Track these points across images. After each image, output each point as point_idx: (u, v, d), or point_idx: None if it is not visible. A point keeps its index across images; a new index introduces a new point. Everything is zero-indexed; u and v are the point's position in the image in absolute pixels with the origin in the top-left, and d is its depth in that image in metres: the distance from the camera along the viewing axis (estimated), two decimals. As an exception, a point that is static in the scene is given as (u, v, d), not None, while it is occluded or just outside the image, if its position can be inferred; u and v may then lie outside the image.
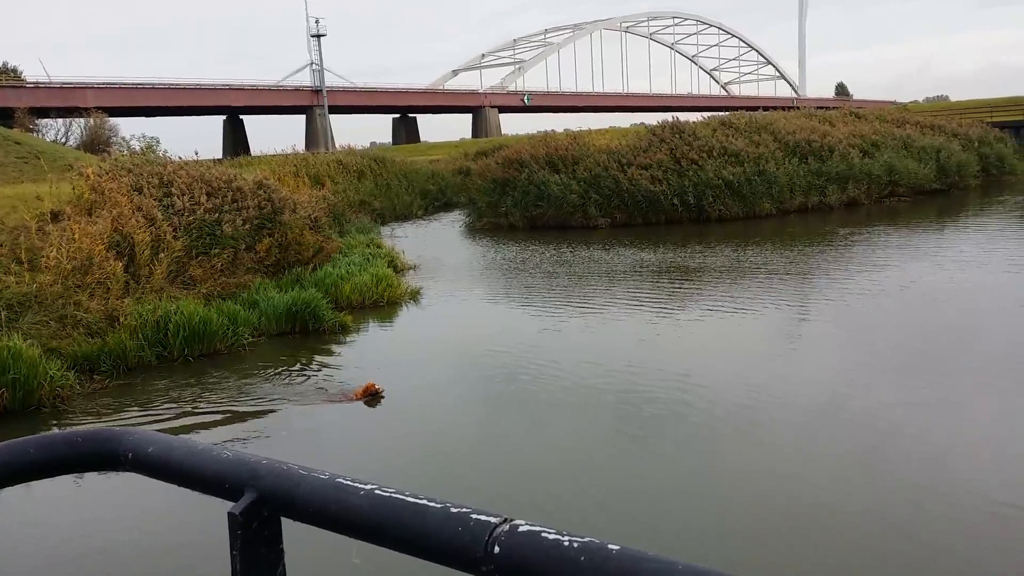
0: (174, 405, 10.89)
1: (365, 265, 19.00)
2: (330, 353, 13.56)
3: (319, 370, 12.42)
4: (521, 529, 1.00)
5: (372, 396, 10.52)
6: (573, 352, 12.58)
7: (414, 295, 18.04)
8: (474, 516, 1.04)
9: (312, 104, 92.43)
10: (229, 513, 1.25)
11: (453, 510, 1.06)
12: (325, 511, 1.17)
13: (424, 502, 1.10)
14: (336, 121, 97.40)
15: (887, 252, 20.68)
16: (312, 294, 15.53)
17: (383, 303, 17.27)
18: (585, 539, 0.95)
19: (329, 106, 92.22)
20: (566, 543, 0.95)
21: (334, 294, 16.64)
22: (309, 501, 1.20)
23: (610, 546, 0.93)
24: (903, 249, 21.11)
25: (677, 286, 18.13)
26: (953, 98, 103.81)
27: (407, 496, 1.11)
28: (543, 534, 0.98)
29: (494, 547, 1.00)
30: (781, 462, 8.02)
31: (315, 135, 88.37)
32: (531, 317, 15.73)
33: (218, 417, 10.31)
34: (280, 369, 12.47)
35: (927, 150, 35.26)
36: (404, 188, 39.30)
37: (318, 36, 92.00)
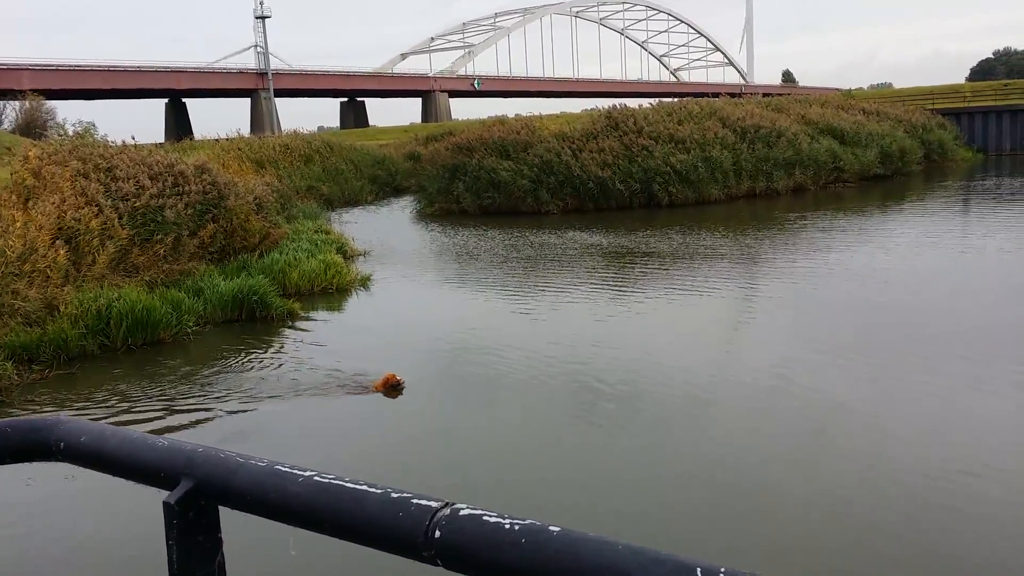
0: (120, 397, 10.62)
1: (313, 251, 18.73)
2: (281, 341, 13.35)
3: (275, 358, 12.20)
4: (462, 513, 1.00)
5: (393, 388, 9.96)
6: (528, 336, 12.57)
7: (364, 281, 17.86)
8: (415, 501, 1.04)
9: (257, 87, 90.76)
10: (164, 502, 1.23)
11: (394, 495, 1.06)
12: (263, 499, 1.16)
13: (364, 488, 1.09)
14: (282, 105, 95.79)
15: (834, 236, 21.10)
16: (259, 281, 15.27)
17: (332, 290, 17.07)
18: (527, 521, 0.96)
19: (275, 89, 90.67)
20: (507, 526, 0.96)
21: (281, 281, 16.40)
22: (247, 489, 1.19)
23: (551, 528, 0.94)
24: (850, 233, 21.55)
25: (630, 270, 18.25)
26: (897, 85, 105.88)
27: (346, 482, 1.10)
28: (484, 517, 0.99)
29: (435, 532, 0.99)
30: (732, 442, 8.14)
31: (260, 119, 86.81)
32: (485, 302, 15.71)
33: (174, 408, 10.10)
34: (235, 358, 12.24)
35: (872, 136, 36.00)
36: (353, 173, 38.71)
37: (262, 18, 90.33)
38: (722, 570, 0.84)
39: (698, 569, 0.85)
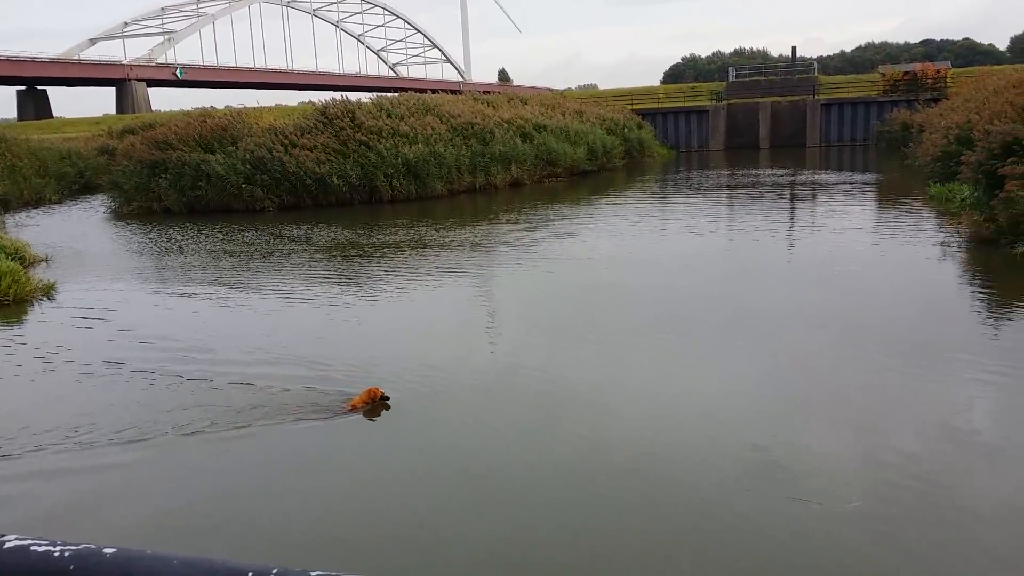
0: None
1: (-21, 259, 16.00)
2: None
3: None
4: (8, 545, 0.97)
5: (378, 403, 8.43)
6: (239, 342, 11.43)
7: (47, 290, 15.62)
8: None
9: (-92, 72, 77.60)
10: None
11: None
12: None
13: None
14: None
15: (553, 225, 21.97)
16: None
17: (8, 301, 14.73)
18: (80, 546, 0.95)
19: (-69, 74, 78.01)
20: (56, 553, 0.94)
21: (-62, 295, 13.76)
22: None
23: (105, 550, 0.94)
24: (567, 222, 22.57)
25: (356, 264, 17.57)
26: (601, 87, 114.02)
27: None
28: (32, 547, 0.96)
29: None
30: (465, 431, 8.00)
31: (-87, 108, 74.31)
32: (191, 304, 14.18)
33: None
34: None
35: (580, 134, 38.02)
36: (34, 170, 34.27)
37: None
38: (274, 571, 0.89)
39: (249, 573, 0.89)
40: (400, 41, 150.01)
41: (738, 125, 51.41)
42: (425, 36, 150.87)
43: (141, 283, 16.63)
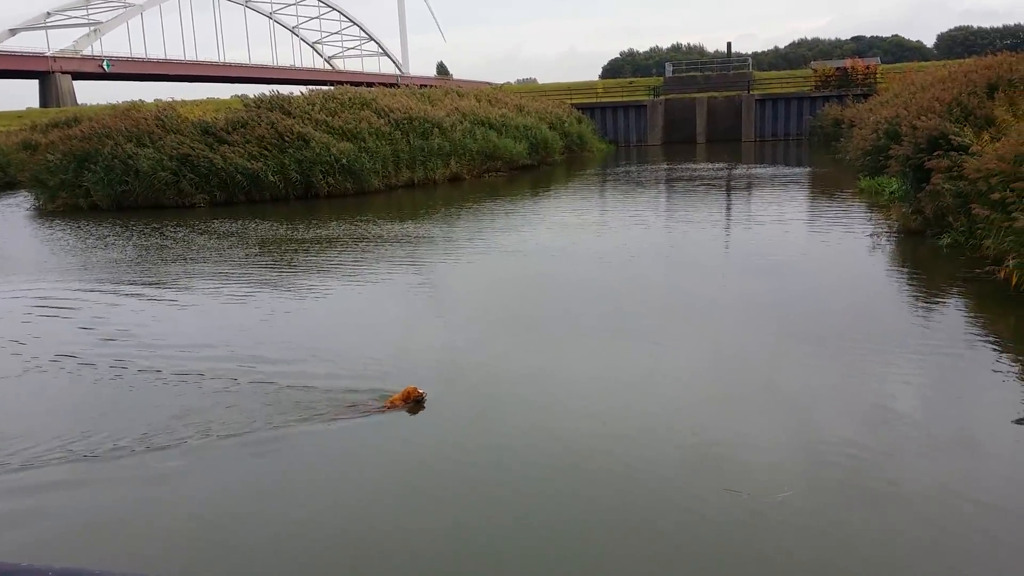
0: None
1: None
2: None
3: None
4: None
5: (416, 403, 8.26)
6: (183, 339, 11.05)
7: (-36, 292, 14.87)
8: None
9: None
10: None
11: None
12: None
13: None
14: None
15: (494, 219, 21.92)
16: None
17: (-81, 305, 13.95)
18: None
19: None
20: None
21: None
22: None
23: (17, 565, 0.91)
24: (506, 217, 22.49)
25: (295, 261, 17.16)
26: (540, 81, 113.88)
27: None
28: None
29: None
30: (408, 430, 7.84)
31: None
32: (125, 304, 13.67)
33: None
34: None
35: (521, 128, 37.92)
36: (-51, 166, 32.87)
37: None
38: None
39: None
40: (336, 33, 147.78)
41: (675, 120, 52.01)
42: (361, 28, 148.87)
43: (69, 282, 15.95)
